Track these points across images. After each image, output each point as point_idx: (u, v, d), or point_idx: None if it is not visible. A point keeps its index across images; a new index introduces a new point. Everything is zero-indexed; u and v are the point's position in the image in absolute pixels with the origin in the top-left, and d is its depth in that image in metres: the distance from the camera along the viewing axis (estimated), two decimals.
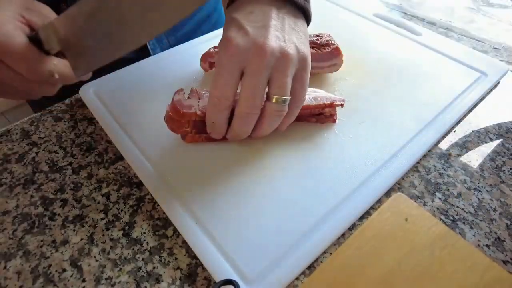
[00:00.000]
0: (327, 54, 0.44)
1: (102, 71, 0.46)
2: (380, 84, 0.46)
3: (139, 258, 0.31)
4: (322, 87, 0.44)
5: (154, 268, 0.30)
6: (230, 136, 0.37)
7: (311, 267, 0.30)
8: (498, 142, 0.41)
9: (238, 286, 0.27)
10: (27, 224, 0.34)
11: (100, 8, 0.30)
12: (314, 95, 0.39)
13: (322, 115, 0.40)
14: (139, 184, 0.37)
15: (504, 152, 0.40)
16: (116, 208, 0.35)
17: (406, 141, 0.39)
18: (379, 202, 0.35)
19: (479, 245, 0.32)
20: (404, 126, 0.40)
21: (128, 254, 0.31)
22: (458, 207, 0.35)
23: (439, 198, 0.35)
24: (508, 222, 0.34)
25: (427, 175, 0.38)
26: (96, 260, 0.31)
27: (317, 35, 0.46)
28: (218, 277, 0.28)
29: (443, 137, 0.42)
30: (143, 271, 0.30)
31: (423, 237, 0.30)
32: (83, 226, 0.34)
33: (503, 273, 0.28)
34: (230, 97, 0.32)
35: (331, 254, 0.31)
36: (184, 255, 0.31)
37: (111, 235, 0.33)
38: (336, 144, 0.39)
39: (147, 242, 0.32)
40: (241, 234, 0.31)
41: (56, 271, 0.31)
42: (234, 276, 0.28)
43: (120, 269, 0.30)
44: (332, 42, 0.45)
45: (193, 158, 0.37)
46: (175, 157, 0.37)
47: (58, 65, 0.33)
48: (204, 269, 0.30)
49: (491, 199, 0.35)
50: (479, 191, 0.36)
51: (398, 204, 0.32)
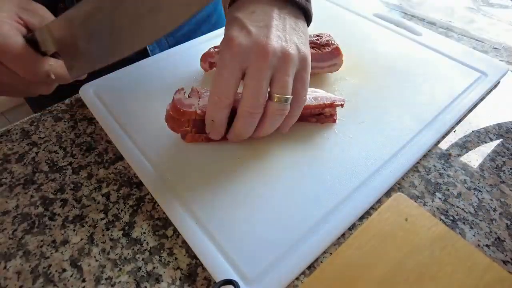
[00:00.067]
0: (327, 54, 0.44)
1: (102, 71, 0.46)
2: (380, 84, 0.46)
3: (139, 258, 0.31)
4: (322, 87, 0.44)
5: (154, 268, 0.30)
6: (231, 136, 0.37)
7: (311, 267, 0.30)
8: (498, 142, 0.41)
9: (238, 286, 0.27)
10: (27, 224, 0.34)
11: (95, 13, 0.30)
12: (314, 95, 0.39)
13: (322, 115, 0.40)
14: (139, 184, 0.37)
15: (504, 152, 0.40)
16: (116, 208, 0.35)
17: (406, 141, 0.39)
18: (379, 202, 0.35)
19: (479, 245, 0.32)
20: (404, 126, 0.40)
21: (128, 254, 0.31)
22: (458, 207, 0.35)
23: (439, 198, 0.35)
24: (508, 222, 0.34)
25: (427, 175, 0.38)
26: (96, 260, 0.31)
27: (317, 35, 0.46)
28: (218, 277, 0.28)
29: (443, 137, 0.42)
30: (143, 271, 0.30)
31: (423, 237, 0.30)
32: (83, 226, 0.34)
33: (503, 273, 0.28)
34: (231, 95, 0.32)
35: (331, 254, 0.31)
36: (184, 255, 0.31)
37: (111, 235, 0.33)
38: (336, 144, 0.39)
39: (147, 242, 0.32)
40: (241, 234, 0.31)
41: (56, 271, 0.31)
42: (234, 276, 0.28)
43: (120, 269, 0.30)
44: (332, 42, 0.45)
45: (193, 158, 0.37)
46: (175, 157, 0.37)
47: (54, 65, 0.34)
48: (204, 269, 0.30)
49: (491, 199, 0.35)
50: (479, 191, 0.36)
51: (398, 204, 0.32)
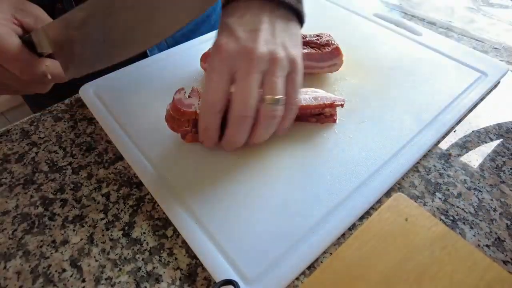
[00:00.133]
0: (327, 54, 0.44)
1: (102, 71, 0.46)
2: (380, 84, 0.46)
3: (139, 258, 0.31)
4: (322, 87, 0.44)
5: (154, 268, 0.30)
6: (225, 144, 0.36)
7: (311, 267, 0.30)
8: (498, 142, 0.41)
9: (238, 286, 0.27)
10: (27, 224, 0.34)
11: (92, 17, 0.30)
12: (314, 95, 0.39)
13: (322, 115, 0.40)
14: (139, 184, 0.37)
15: (504, 152, 0.40)
16: (116, 208, 0.35)
17: (406, 141, 0.39)
18: (379, 202, 0.35)
19: (479, 245, 0.32)
20: (404, 126, 0.40)
21: (128, 254, 0.31)
22: (458, 207, 0.35)
23: (439, 198, 0.35)
24: (508, 222, 0.34)
25: (427, 175, 0.38)
26: (96, 260, 0.31)
27: (317, 35, 0.46)
28: (218, 277, 0.28)
29: (443, 137, 0.42)
30: (143, 271, 0.30)
31: (423, 237, 0.30)
32: (83, 226, 0.34)
33: (503, 273, 0.27)
34: (222, 100, 0.32)
35: (331, 254, 0.31)
36: (184, 255, 0.31)
37: (111, 235, 0.33)
38: (336, 144, 0.39)
39: (147, 242, 0.32)
40: (241, 234, 0.31)
41: (56, 271, 0.30)
42: (234, 276, 0.28)
43: (120, 269, 0.30)
44: (332, 42, 0.45)
45: (193, 158, 0.37)
46: (175, 157, 0.37)
47: (50, 66, 0.34)
48: (204, 269, 0.30)
49: (491, 199, 0.35)
50: (479, 191, 0.36)
51: (398, 204, 0.32)
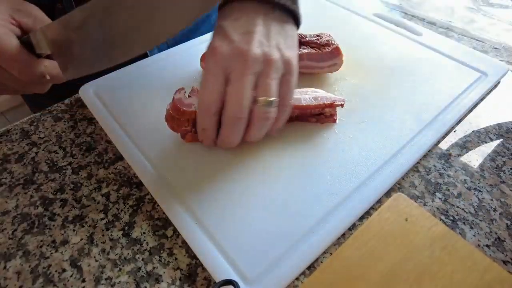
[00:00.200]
0: (327, 54, 0.44)
1: (102, 71, 0.46)
2: (380, 84, 0.46)
3: (139, 258, 0.31)
4: (322, 87, 0.44)
5: (154, 268, 0.30)
6: (220, 143, 0.36)
7: (311, 267, 0.30)
8: (498, 142, 0.41)
9: (238, 286, 0.27)
10: (26, 224, 0.34)
11: (91, 19, 0.30)
12: (314, 95, 0.39)
13: (322, 115, 0.40)
14: (139, 184, 0.37)
15: (504, 152, 0.40)
16: (116, 208, 0.35)
17: (406, 141, 0.39)
18: (379, 202, 0.35)
19: (479, 245, 0.32)
20: (404, 126, 0.40)
21: (128, 254, 0.31)
22: (458, 207, 0.35)
23: (439, 198, 0.35)
24: (508, 222, 0.33)
25: (427, 175, 0.38)
26: (96, 260, 0.31)
27: (317, 35, 0.46)
28: (218, 277, 0.28)
29: (443, 137, 0.42)
30: (143, 271, 0.30)
31: (423, 237, 0.30)
32: (83, 226, 0.34)
33: (503, 273, 0.27)
34: (217, 102, 0.32)
35: (331, 254, 0.31)
36: (184, 255, 0.31)
37: (111, 235, 0.33)
38: (336, 144, 0.39)
39: (147, 242, 0.32)
40: (241, 234, 0.31)
41: (56, 271, 0.30)
42: (234, 276, 0.28)
43: (120, 269, 0.30)
44: (332, 42, 0.45)
45: (193, 158, 0.37)
46: (175, 157, 0.37)
47: (48, 67, 0.34)
48: (204, 269, 0.30)
49: (491, 199, 0.35)
50: (479, 191, 0.36)
51: (398, 204, 0.32)
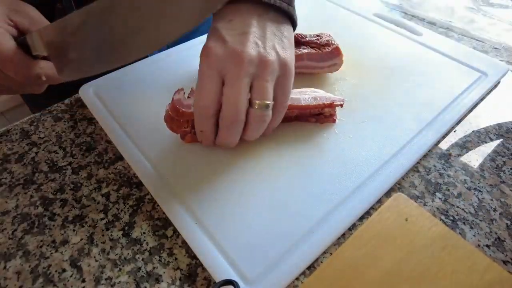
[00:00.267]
0: (327, 54, 0.44)
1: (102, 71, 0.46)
2: (380, 84, 0.46)
3: (139, 258, 0.31)
4: (322, 87, 0.44)
5: (154, 268, 0.30)
6: (218, 143, 0.36)
7: (311, 267, 0.30)
8: (498, 142, 0.41)
9: (238, 286, 0.27)
10: (26, 224, 0.34)
11: (89, 22, 0.30)
12: (314, 95, 0.39)
13: (322, 115, 0.40)
14: (139, 184, 0.37)
15: (504, 152, 0.40)
16: (116, 208, 0.35)
17: (406, 141, 0.39)
18: (379, 202, 0.35)
19: (479, 245, 0.32)
20: (404, 126, 0.40)
21: (128, 254, 0.31)
22: (458, 207, 0.35)
23: (439, 198, 0.35)
24: (508, 222, 0.33)
25: (427, 175, 0.38)
26: (96, 260, 0.31)
27: (317, 35, 0.46)
28: (218, 277, 0.28)
29: (443, 137, 0.42)
30: (143, 271, 0.30)
31: (423, 237, 0.30)
32: (83, 226, 0.34)
33: (503, 273, 0.28)
34: (214, 104, 0.32)
35: (331, 254, 0.31)
36: (184, 255, 0.31)
37: (111, 235, 0.33)
38: (336, 144, 0.39)
39: (147, 242, 0.32)
40: (241, 234, 0.31)
41: (56, 271, 0.30)
42: (234, 276, 0.28)
43: (120, 269, 0.30)
44: (332, 42, 0.45)
45: (193, 158, 0.37)
46: (175, 157, 0.37)
47: (45, 68, 0.34)
48: (204, 269, 0.30)
49: (491, 199, 0.35)
50: (479, 191, 0.36)
51: (398, 204, 0.32)
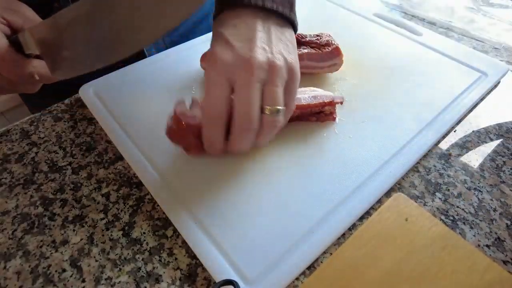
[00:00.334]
0: (327, 54, 0.44)
1: (102, 71, 0.46)
2: (380, 84, 0.46)
3: (139, 258, 0.31)
4: (322, 87, 0.43)
5: (154, 268, 0.30)
6: (230, 151, 0.35)
7: (311, 267, 0.30)
8: (498, 142, 0.41)
9: (238, 286, 0.27)
10: (26, 224, 0.34)
11: (80, 18, 0.30)
12: (313, 94, 0.39)
13: (322, 114, 0.40)
14: (139, 184, 0.37)
15: (504, 152, 0.40)
16: (116, 208, 0.35)
17: (406, 141, 0.39)
18: (379, 202, 0.35)
19: (479, 245, 0.32)
20: (404, 126, 0.40)
21: (128, 254, 0.31)
22: (458, 207, 0.35)
23: (439, 198, 0.35)
24: (508, 222, 0.33)
25: (427, 175, 0.38)
26: (96, 260, 0.31)
27: (317, 35, 0.46)
28: (218, 277, 0.28)
29: (443, 137, 0.42)
30: (143, 271, 0.30)
31: (423, 237, 0.30)
32: (83, 226, 0.34)
33: (503, 273, 0.28)
34: (224, 112, 0.32)
35: (331, 254, 0.31)
36: (184, 255, 0.31)
37: (111, 235, 0.33)
38: (336, 144, 0.39)
39: (147, 242, 0.32)
40: (241, 234, 0.31)
41: (56, 271, 0.30)
42: (234, 276, 0.28)
43: (120, 269, 0.30)
44: (332, 42, 0.45)
45: (192, 158, 0.37)
46: (174, 157, 0.37)
47: (37, 67, 0.34)
48: (204, 269, 0.30)
49: (491, 199, 0.35)
50: (479, 191, 0.36)
51: (398, 204, 0.32)
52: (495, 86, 0.48)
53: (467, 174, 0.38)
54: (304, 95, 0.39)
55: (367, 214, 0.34)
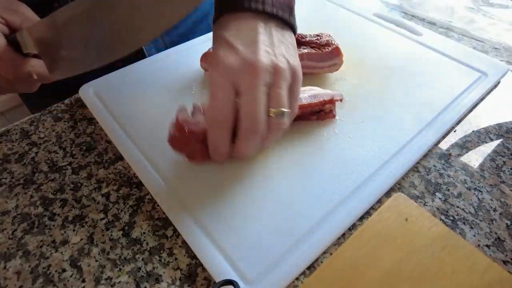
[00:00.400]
0: (327, 54, 0.44)
1: (102, 71, 0.46)
2: (380, 84, 0.46)
3: (139, 258, 0.31)
4: (322, 87, 0.43)
5: (154, 268, 0.30)
6: (236, 155, 0.35)
7: (311, 267, 0.30)
8: (498, 142, 0.41)
9: (238, 286, 0.27)
10: (26, 224, 0.34)
11: (78, 17, 0.30)
12: (312, 93, 0.40)
13: (322, 112, 0.40)
14: (139, 184, 0.37)
15: (504, 152, 0.40)
16: (116, 208, 0.35)
17: (406, 141, 0.39)
18: (379, 202, 0.35)
19: (479, 245, 0.32)
20: (404, 126, 0.40)
21: (128, 254, 0.31)
22: (458, 207, 0.35)
23: (439, 198, 0.35)
24: (508, 222, 0.33)
25: (427, 175, 0.38)
26: (96, 260, 0.31)
27: (317, 35, 0.46)
28: (218, 277, 0.28)
29: (443, 137, 0.42)
30: (143, 271, 0.30)
31: (423, 237, 0.30)
32: (83, 226, 0.34)
33: (503, 273, 0.28)
34: (230, 117, 0.31)
35: (331, 254, 0.31)
36: (184, 255, 0.31)
37: (111, 235, 0.33)
38: (336, 144, 0.39)
39: (147, 242, 0.32)
40: (241, 234, 0.31)
41: (56, 271, 0.30)
42: (234, 276, 0.28)
43: (120, 269, 0.30)
44: (332, 42, 0.45)
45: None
46: (175, 157, 0.37)
47: (36, 66, 0.34)
48: (204, 269, 0.30)
49: (491, 199, 0.35)
50: (479, 191, 0.36)
51: (398, 204, 0.32)
52: (495, 86, 0.48)
53: (467, 174, 0.38)
54: (304, 94, 0.39)
55: (367, 214, 0.34)
